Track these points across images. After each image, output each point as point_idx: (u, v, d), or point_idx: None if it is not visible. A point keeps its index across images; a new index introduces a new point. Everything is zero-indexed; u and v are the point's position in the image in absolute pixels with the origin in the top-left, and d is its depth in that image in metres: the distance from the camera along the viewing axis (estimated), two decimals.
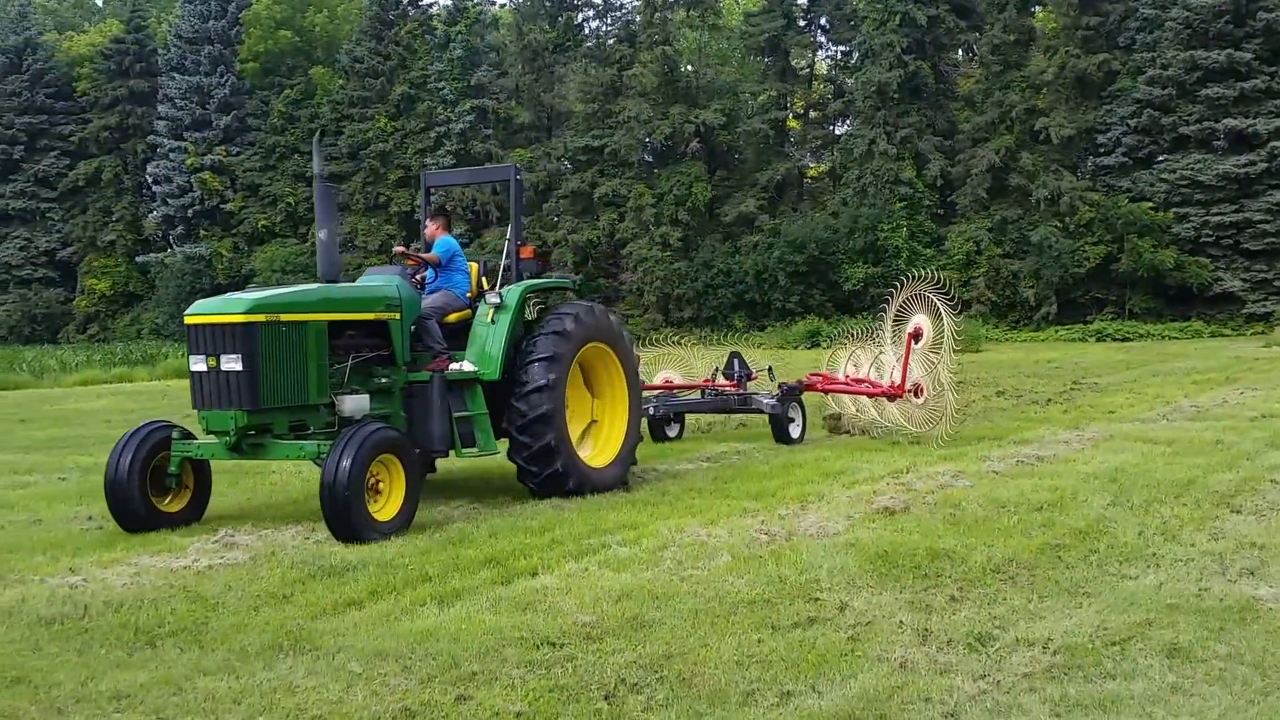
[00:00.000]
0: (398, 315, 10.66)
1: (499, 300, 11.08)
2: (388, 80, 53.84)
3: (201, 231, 57.41)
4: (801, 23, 52.39)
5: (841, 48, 52.55)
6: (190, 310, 9.85)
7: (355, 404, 10.12)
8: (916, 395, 14.53)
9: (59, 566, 8.63)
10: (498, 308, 11.07)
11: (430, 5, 56.48)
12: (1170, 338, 40.03)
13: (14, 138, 60.42)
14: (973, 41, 49.70)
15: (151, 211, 59.55)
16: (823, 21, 52.77)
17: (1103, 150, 44.62)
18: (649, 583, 7.51)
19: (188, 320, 9.77)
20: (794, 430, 15.09)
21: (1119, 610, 6.71)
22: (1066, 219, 43.13)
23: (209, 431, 9.76)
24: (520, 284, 11.46)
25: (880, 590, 7.23)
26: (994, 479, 11.27)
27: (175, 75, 57.48)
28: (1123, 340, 40.11)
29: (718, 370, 16.20)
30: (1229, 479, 10.97)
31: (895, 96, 45.46)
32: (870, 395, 15.45)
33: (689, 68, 52.67)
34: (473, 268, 11.92)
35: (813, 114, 53.91)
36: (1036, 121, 44.60)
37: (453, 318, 11.39)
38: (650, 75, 49.36)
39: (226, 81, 56.90)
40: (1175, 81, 42.55)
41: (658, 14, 50.40)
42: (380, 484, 9.41)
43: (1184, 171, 42.13)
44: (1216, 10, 41.89)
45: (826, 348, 18.97)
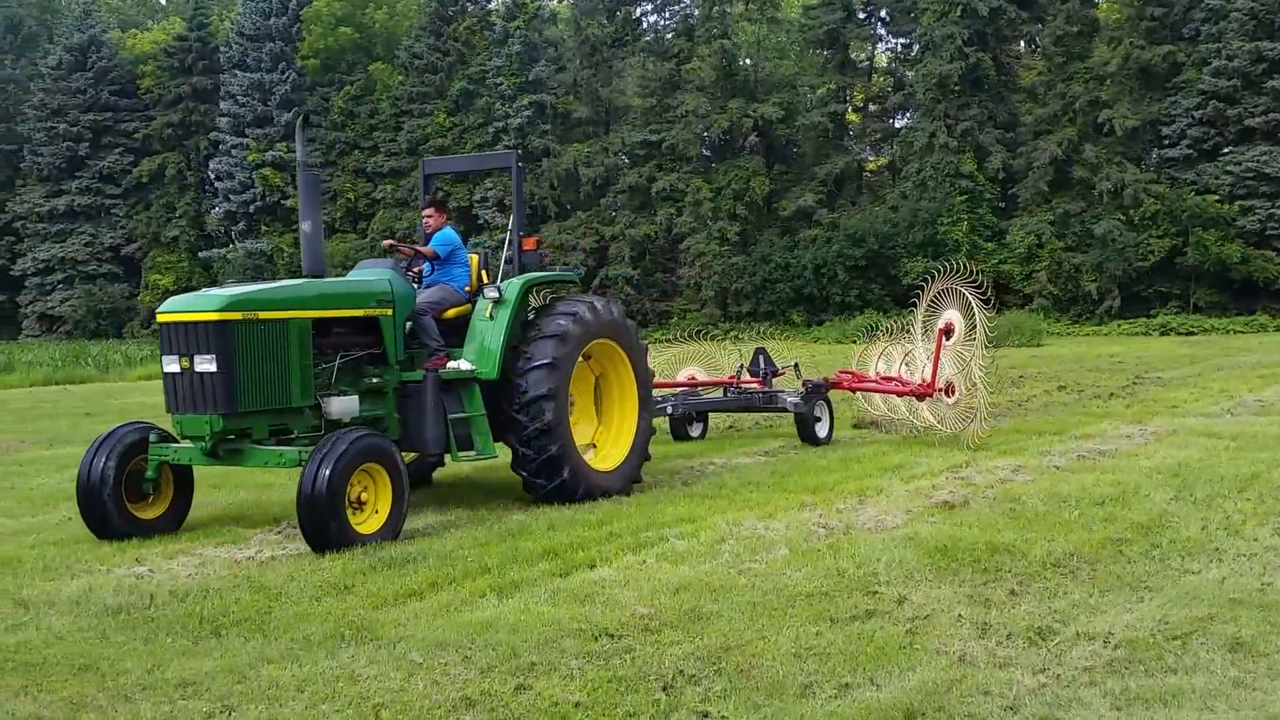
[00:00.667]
0: (390, 311, 10.11)
1: (497, 294, 10.57)
2: (446, 76, 54.15)
3: (263, 227, 58.10)
4: (861, 15, 52.03)
5: (901, 40, 52.15)
6: (162, 307, 9.30)
7: (343, 406, 9.59)
8: (948, 394, 13.94)
9: (125, 557, 8.80)
10: (496, 302, 10.56)
11: (489, 1, 56.72)
12: (1235, 332, 39.39)
13: (79, 135, 61.39)
14: (1035, 33, 49.10)
15: (214, 207, 60.32)
16: (882, 14, 52.37)
17: (1167, 142, 43.93)
18: (706, 575, 7.53)
19: (160, 318, 9.21)
20: (820, 430, 14.46)
21: (1181, 605, 6.65)
22: (1130, 212, 42.52)
23: (183, 436, 9.28)
24: (520, 277, 10.96)
25: (939, 584, 7.21)
26: (1055, 473, 11.17)
27: (237, 72, 58.14)
28: (1187, 334, 39.52)
29: (742, 367, 15.63)
30: None
31: (956, 89, 45.02)
32: (899, 394, 14.88)
33: (747, 61, 52.49)
34: (473, 260, 11.41)
35: (872, 107, 53.53)
36: (1100, 113, 43.99)
37: (451, 313, 10.88)
38: (708, 69, 49.25)
39: (287, 78, 57.49)
40: (1240, 73, 41.79)
41: (716, 8, 50.24)
42: (364, 495, 8.89)
43: (1249, 164, 41.38)
44: None
45: (857, 343, 18.26)
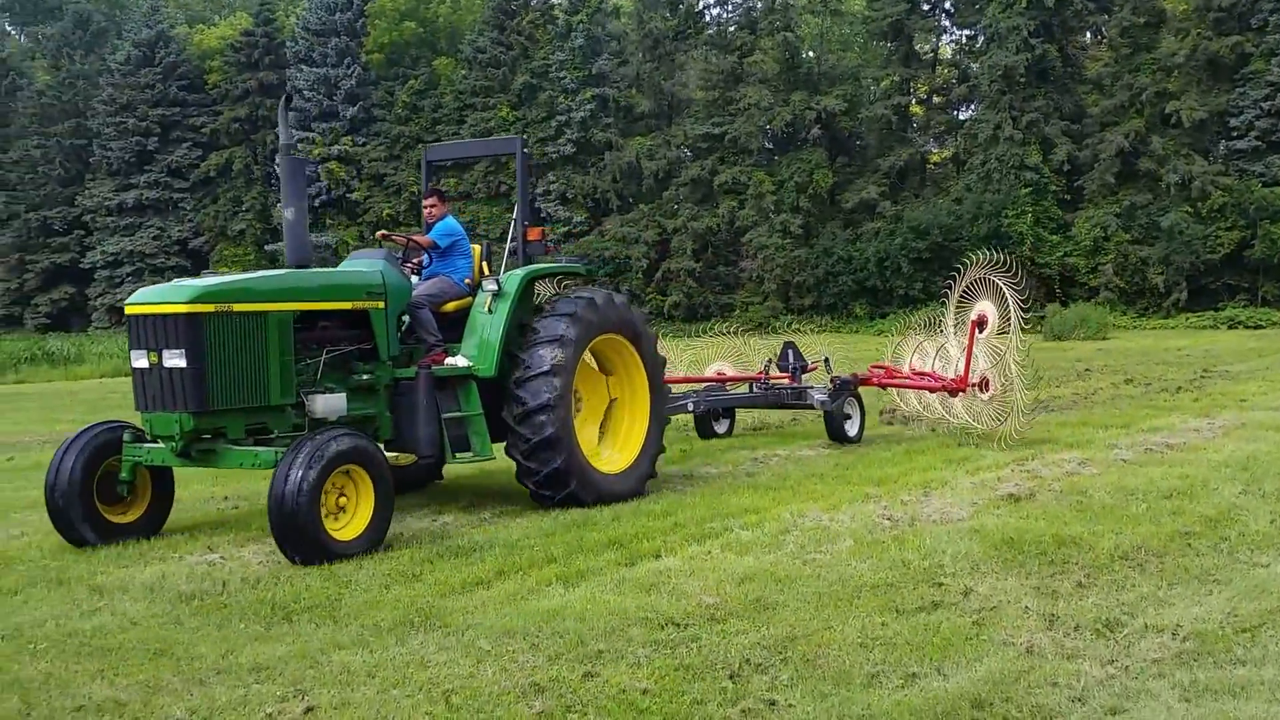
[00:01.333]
0: (381, 304, 9.59)
1: (496, 287, 10.08)
2: (510, 70, 54.38)
3: (327, 220, 58.70)
4: (925, 7, 51.55)
5: (966, 31, 51.61)
6: (131, 299, 8.80)
7: (328, 404, 9.02)
8: (983, 390, 13.33)
9: (197, 545, 8.99)
10: (496, 295, 10.08)
11: None
12: None
13: (148, 129, 62.31)
14: (1101, 24, 48.44)
15: (280, 201, 61.01)
16: (947, 5, 51.87)
17: (1235, 134, 43.13)
18: (771, 566, 7.56)
19: (128, 310, 8.73)
20: (850, 428, 13.94)
21: (1250, 598, 6.59)
22: (1197, 204, 41.87)
23: (153, 436, 8.81)
24: (522, 269, 10.46)
25: (1005, 576, 7.19)
26: (1122, 467, 11.07)
27: (303, 67, 58.72)
28: (1255, 328, 38.85)
29: (771, 362, 15.09)
30: None
31: (1021, 80, 44.53)
32: (930, 390, 14.27)
33: (810, 54, 52.25)
34: (475, 251, 10.96)
35: (936, 99, 53.07)
36: (1167, 105, 43.33)
37: (451, 306, 10.38)
38: (771, 62, 49.10)
39: (353, 73, 57.99)
40: None
41: (779, 0, 50.09)
42: (343, 499, 8.39)
43: None
44: None
45: (892, 335, 17.53)
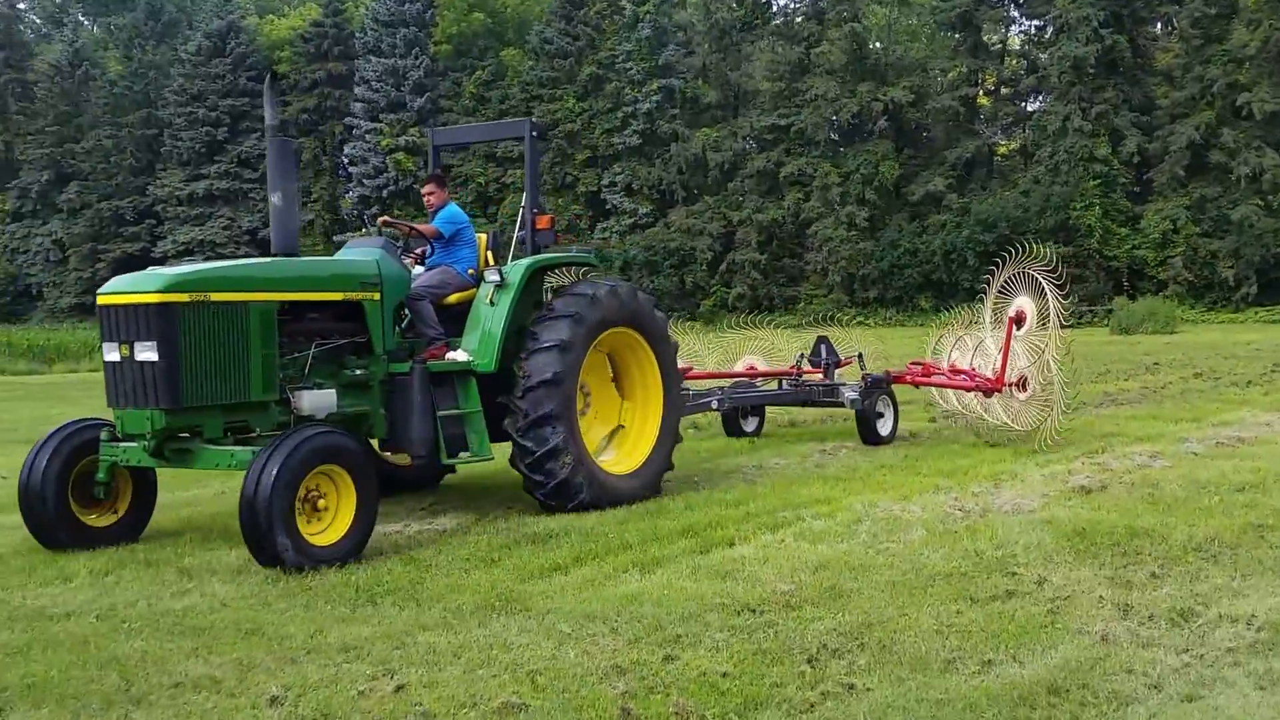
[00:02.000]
0: (376, 295, 9.09)
1: (499, 278, 9.60)
2: (576, 61, 54.62)
3: (395, 211, 59.32)
4: None
5: (1035, 22, 51.11)
6: (103, 288, 8.37)
7: (316, 401, 8.56)
8: (1021, 389, 12.75)
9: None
10: (498, 286, 9.60)
11: None
12: None
13: (218, 120, 63.24)
14: (1172, 14, 47.76)
15: (348, 192, 61.71)
16: None
17: None
18: (845, 554, 7.64)
19: (99, 300, 8.29)
20: (883, 427, 13.42)
21: None
22: (1269, 197, 41.22)
23: (124, 434, 8.32)
24: (526, 259, 9.96)
25: (1078, 566, 7.22)
26: (1193, 460, 11.01)
27: (371, 58, 59.33)
28: None
29: (803, 356, 14.48)
30: None
31: (1091, 71, 44.07)
32: (965, 389, 13.61)
33: (877, 44, 52.00)
34: (480, 240, 10.52)
35: (1004, 90, 52.60)
36: (1238, 97, 42.67)
37: (454, 299, 9.89)
38: (838, 53, 48.93)
39: (421, 63, 58.49)
40: None
41: None
42: (322, 500, 7.88)
43: None
44: None
45: (933, 327, 16.94)
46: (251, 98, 63.51)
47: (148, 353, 7.91)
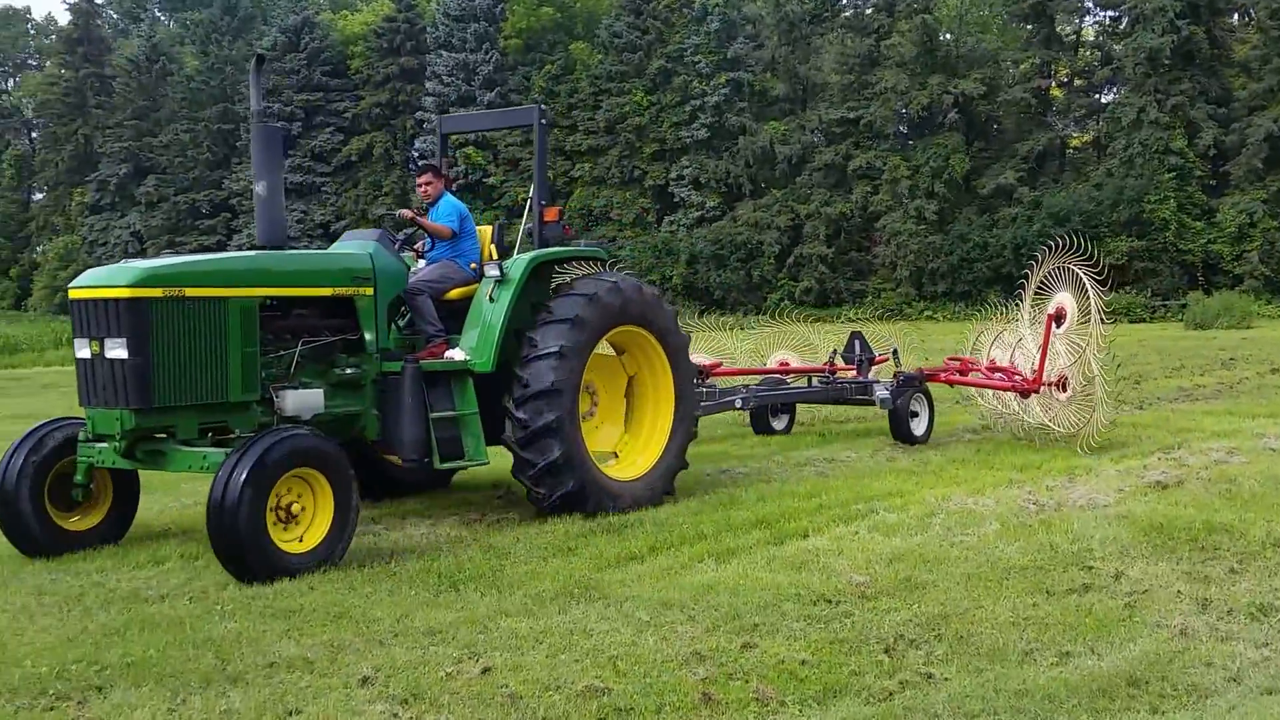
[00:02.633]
0: (369, 290, 8.72)
1: (499, 273, 9.16)
2: (645, 54, 54.69)
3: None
4: None
5: (1110, 12, 50.33)
6: (76, 281, 8.05)
7: (300, 401, 8.19)
8: (1061, 390, 12.17)
9: (362, 518, 9.41)
10: (499, 282, 9.15)
11: None
12: None
13: (292, 114, 64.01)
14: (1250, 5, 46.83)
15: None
16: None
17: None
18: (919, 547, 7.69)
19: (71, 294, 7.98)
20: (917, 427, 12.88)
21: None
22: None
23: (94, 435, 8.00)
24: (528, 254, 9.48)
25: (1155, 560, 7.22)
26: (1271, 456, 10.88)
27: (442, 53, 59.79)
28: None
29: (836, 352, 14.03)
30: None
31: (1167, 63, 43.33)
32: (1000, 389, 12.99)
33: (948, 36, 51.47)
34: (485, 233, 10.12)
35: (1077, 82, 51.90)
36: None
37: (455, 294, 9.47)
38: (909, 45, 48.53)
39: (491, 58, 58.86)
40: None
41: None
42: (297, 505, 7.55)
43: None
44: None
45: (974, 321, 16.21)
46: (325, 93, 64.28)
47: (118, 350, 7.57)
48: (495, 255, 9.97)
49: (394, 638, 6.17)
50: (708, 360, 13.50)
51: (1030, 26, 50.54)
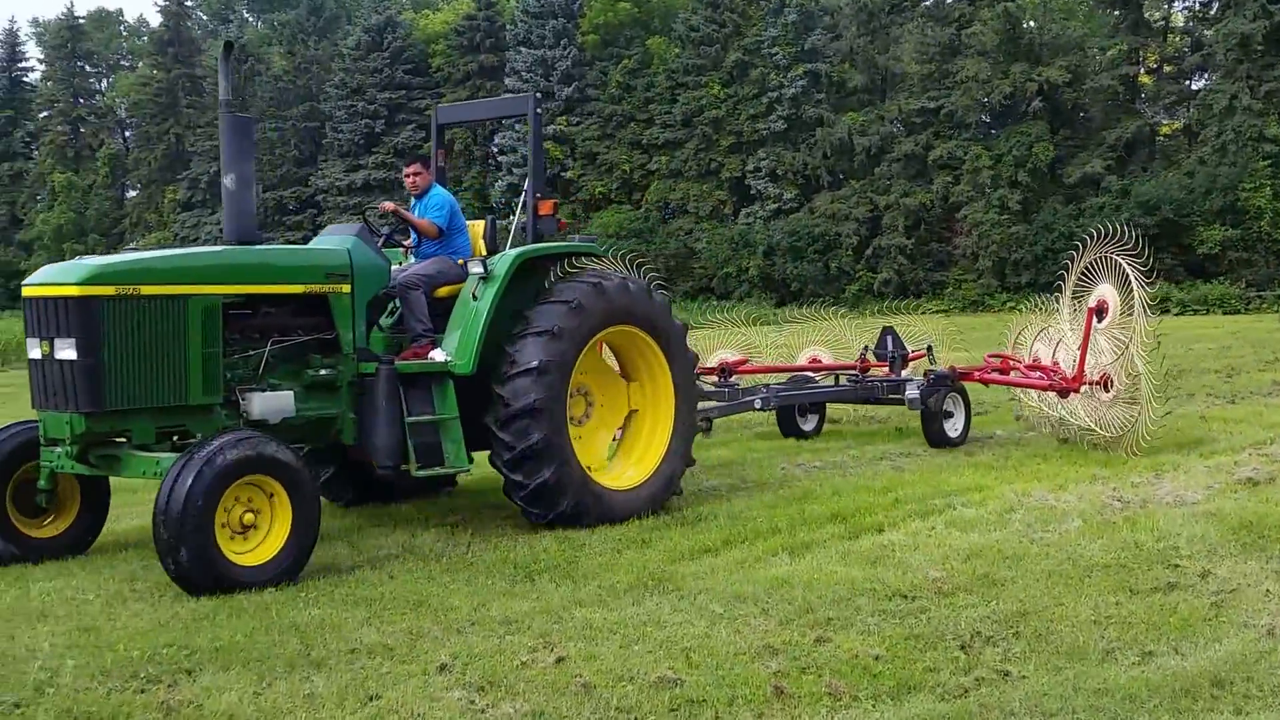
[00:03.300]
0: (345, 288, 8.26)
1: (483, 270, 8.60)
2: (722, 47, 54.53)
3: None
4: None
5: None
6: (29, 279, 7.75)
7: (268, 404, 7.78)
8: (1105, 389, 11.36)
9: (438, 508, 9.61)
10: (483, 279, 8.60)
11: None
12: None
13: (375, 112, 64.79)
14: None
15: (497, 181, 62.73)
16: None
17: None
18: (998, 543, 7.60)
19: (24, 291, 7.68)
20: (952, 429, 12.17)
21: None
22: None
23: (47, 438, 7.69)
24: (514, 250, 8.98)
25: (1244, 559, 7.07)
26: None
27: (522, 49, 60.15)
28: None
29: (867, 349, 13.34)
30: None
31: (1260, 48, 42.23)
32: (1037, 388, 12.24)
33: (1032, 23, 50.61)
34: (476, 227, 9.75)
35: (1167, 68, 50.78)
36: None
37: (443, 292, 8.94)
38: (991, 33, 47.80)
39: (569, 54, 59.10)
40: None
41: None
42: (250, 515, 7.15)
43: None
44: None
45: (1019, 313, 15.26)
46: (407, 91, 64.93)
47: (67, 351, 7.23)
48: (483, 250, 9.56)
49: (471, 626, 6.27)
50: (733, 357, 13.14)
51: (1117, 12, 49.54)
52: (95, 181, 75.54)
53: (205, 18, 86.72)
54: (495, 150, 62.38)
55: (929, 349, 13.47)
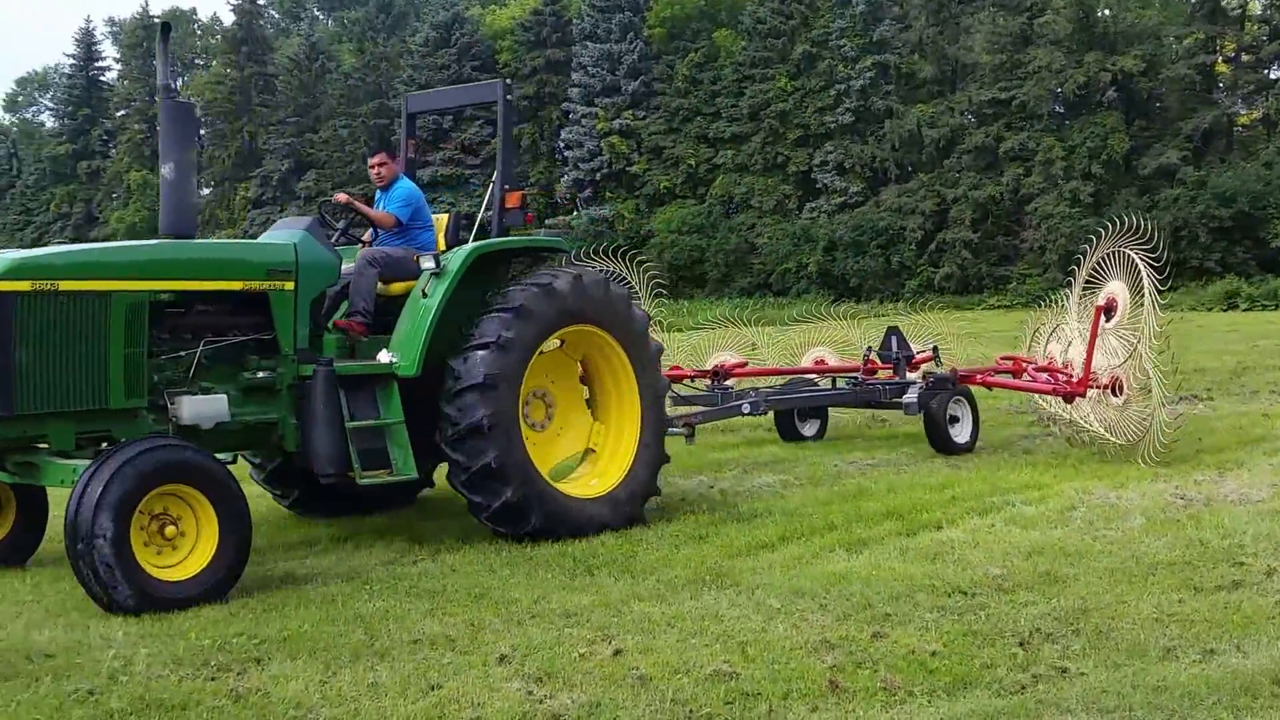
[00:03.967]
0: (288, 285, 7.71)
1: (435, 265, 8.15)
2: (789, 40, 54.33)
3: (606, 194, 60.17)
4: None
5: None
6: None
7: (198, 408, 7.23)
8: (1115, 393, 10.83)
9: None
10: (434, 275, 8.14)
11: None
12: None
13: (444, 108, 65.35)
14: None
15: (563, 175, 62.97)
16: None
17: None
18: (1059, 540, 7.57)
19: None
20: (958, 434, 11.61)
21: None
22: None
23: None
24: (470, 245, 8.50)
25: None
26: None
27: (588, 44, 60.31)
28: None
29: (871, 350, 12.85)
30: None
31: None
32: (1041, 392, 11.82)
33: (1106, 12, 49.84)
34: (441, 221, 9.30)
35: (1245, 57, 49.77)
36: None
37: (398, 288, 8.47)
38: (1063, 22, 47.15)
39: (635, 48, 59.15)
40: None
41: None
42: (172, 527, 6.73)
43: None
44: None
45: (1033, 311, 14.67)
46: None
47: None
48: (443, 246, 9.05)
49: (531, 619, 6.36)
50: (732, 359, 12.81)
51: (1193, 1, 48.70)
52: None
53: (277, 16, 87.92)
54: (562, 145, 62.61)
55: (934, 350, 13.04)
